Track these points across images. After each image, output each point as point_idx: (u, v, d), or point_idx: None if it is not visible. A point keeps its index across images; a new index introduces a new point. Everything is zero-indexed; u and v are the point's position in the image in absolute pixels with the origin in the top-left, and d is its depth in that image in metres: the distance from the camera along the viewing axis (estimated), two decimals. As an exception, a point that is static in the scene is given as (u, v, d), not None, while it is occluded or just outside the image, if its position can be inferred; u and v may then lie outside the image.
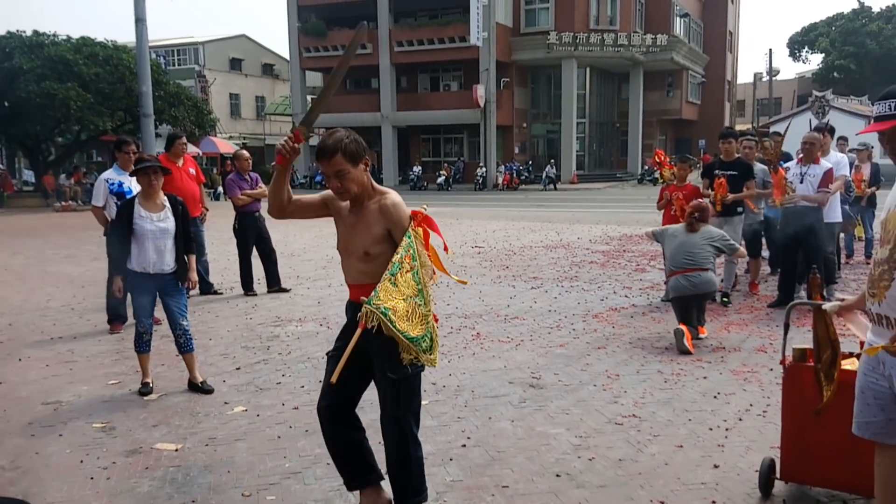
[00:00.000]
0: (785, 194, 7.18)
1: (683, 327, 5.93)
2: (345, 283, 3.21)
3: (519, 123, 39.78)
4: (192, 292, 6.17)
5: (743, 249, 6.51)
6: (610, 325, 6.81)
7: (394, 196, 3.07)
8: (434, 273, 3.09)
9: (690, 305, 6.22)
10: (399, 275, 2.90)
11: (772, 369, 5.36)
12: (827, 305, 3.06)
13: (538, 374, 5.28)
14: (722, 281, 7.99)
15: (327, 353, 3.24)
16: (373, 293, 2.86)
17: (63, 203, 25.33)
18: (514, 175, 35.83)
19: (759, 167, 7.89)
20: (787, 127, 8.40)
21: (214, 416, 4.57)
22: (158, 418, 4.53)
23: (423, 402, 4.59)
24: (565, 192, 32.28)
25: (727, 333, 6.48)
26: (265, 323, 7.14)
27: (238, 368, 5.58)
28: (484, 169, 35.79)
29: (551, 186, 34.29)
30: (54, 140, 30.82)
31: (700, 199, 6.90)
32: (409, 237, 2.96)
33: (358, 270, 3.05)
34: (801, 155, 7.43)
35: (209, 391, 5.00)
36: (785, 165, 7.60)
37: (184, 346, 5.06)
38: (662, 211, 8.01)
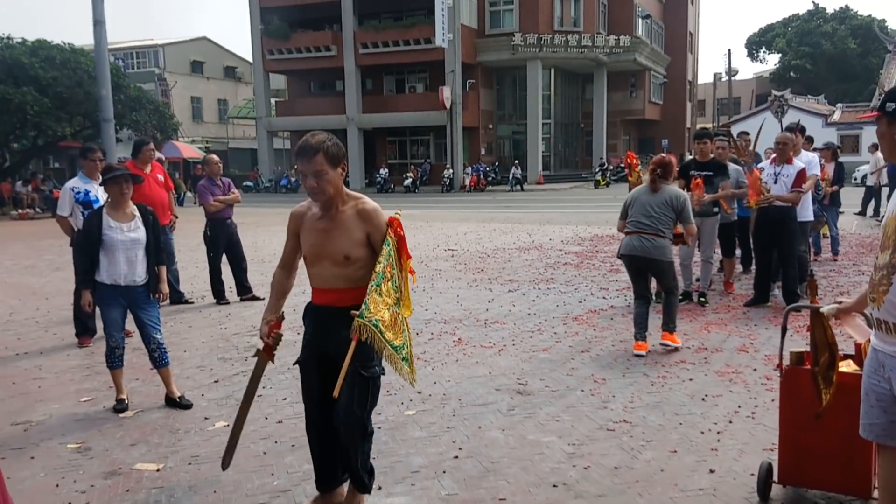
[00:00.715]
0: (760, 195, 7.24)
1: (643, 350, 5.86)
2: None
3: (485, 125, 39.84)
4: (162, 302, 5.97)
5: (693, 227, 6.12)
6: (591, 327, 6.78)
7: (371, 202, 3.13)
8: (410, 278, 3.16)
9: (643, 274, 5.98)
10: (382, 284, 2.94)
11: (755, 370, 5.38)
12: (825, 308, 3.04)
13: (524, 381, 5.21)
14: (698, 280, 8.05)
15: (297, 363, 3.31)
16: (363, 306, 2.90)
17: (20, 211, 24.64)
18: (482, 176, 35.86)
19: (733, 167, 7.94)
20: (761, 127, 8.47)
21: (195, 432, 4.41)
22: (136, 436, 4.35)
23: (410, 413, 4.58)
24: (532, 193, 32.39)
25: (707, 333, 6.49)
26: (240, 333, 6.97)
27: (216, 381, 5.42)
28: (451, 171, 35.75)
29: (518, 187, 34.33)
30: (10, 146, 29.89)
31: (664, 156, 6.76)
32: (388, 245, 2.99)
33: (334, 275, 3.07)
34: (773, 155, 7.50)
35: (188, 406, 4.83)
36: (759, 166, 7.67)
37: (158, 360, 4.89)
38: None
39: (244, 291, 8.62)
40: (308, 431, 3.31)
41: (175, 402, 4.86)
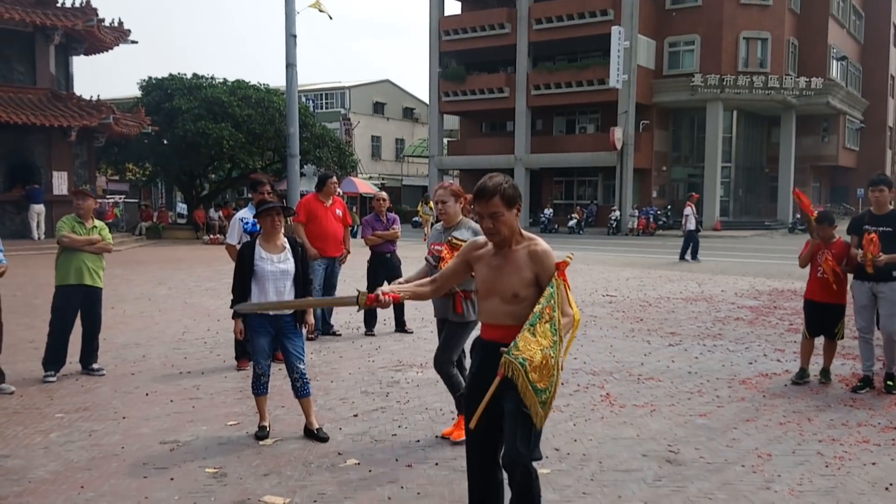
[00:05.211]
0: None
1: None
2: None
3: (658, 167, 38.53)
4: (309, 333, 6.04)
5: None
6: (760, 393, 6.11)
7: (544, 243, 3.17)
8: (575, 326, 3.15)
9: None
10: (538, 325, 2.96)
11: (955, 459, 4.57)
12: None
13: (676, 448, 4.74)
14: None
15: (460, 394, 3.51)
16: (512, 343, 2.95)
17: (211, 236, 26.78)
18: (651, 219, 34.52)
19: None
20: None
21: (327, 468, 4.38)
22: (270, 466, 4.39)
23: (545, 472, 4.27)
24: (707, 240, 30.57)
25: (895, 410, 5.65)
26: (386, 367, 6.99)
27: (355, 415, 5.41)
28: (618, 213, 34.80)
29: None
30: (207, 176, 32.86)
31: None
32: (553, 287, 3.04)
33: (502, 312, 3.15)
34: None
35: (324, 439, 4.83)
36: None
37: (300, 389, 4.95)
38: (809, 269, 6.93)
39: (399, 325, 8.76)
40: (468, 466, 3.37)
41: (312, 434, 4.89)
